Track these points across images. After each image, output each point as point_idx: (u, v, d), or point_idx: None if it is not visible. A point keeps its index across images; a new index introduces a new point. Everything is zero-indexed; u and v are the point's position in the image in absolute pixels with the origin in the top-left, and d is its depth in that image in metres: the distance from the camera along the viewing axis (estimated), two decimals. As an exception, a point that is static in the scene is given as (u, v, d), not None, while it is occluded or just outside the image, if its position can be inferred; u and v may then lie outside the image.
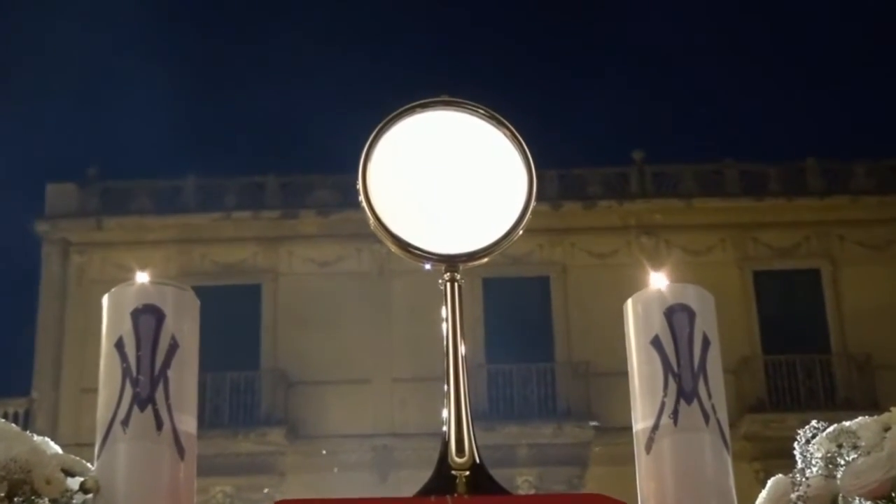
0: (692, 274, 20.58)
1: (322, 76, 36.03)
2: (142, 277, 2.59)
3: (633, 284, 2.85)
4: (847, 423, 2.50)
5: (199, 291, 2.71)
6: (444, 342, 2.86)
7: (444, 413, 2.80)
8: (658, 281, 2.72)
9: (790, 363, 23.32)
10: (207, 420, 21.55)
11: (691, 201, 24.57)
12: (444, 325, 2.88)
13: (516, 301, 23.68)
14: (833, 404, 22.44)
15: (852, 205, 24.41)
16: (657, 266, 2.76)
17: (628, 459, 2.80)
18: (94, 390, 2.56)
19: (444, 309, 2.91)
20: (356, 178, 3.00)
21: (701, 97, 37.65)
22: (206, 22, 36.34)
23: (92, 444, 2.50)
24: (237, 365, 22.91)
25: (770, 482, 2.52)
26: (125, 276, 2.58)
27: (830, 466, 2.41)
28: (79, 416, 22.17)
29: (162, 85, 32.81)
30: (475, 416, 2.84)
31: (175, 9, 36.39)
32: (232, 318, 22.31)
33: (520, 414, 23.11)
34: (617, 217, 24.53)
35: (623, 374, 2.71)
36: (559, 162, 24.53)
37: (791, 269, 24.25)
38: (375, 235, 3.02)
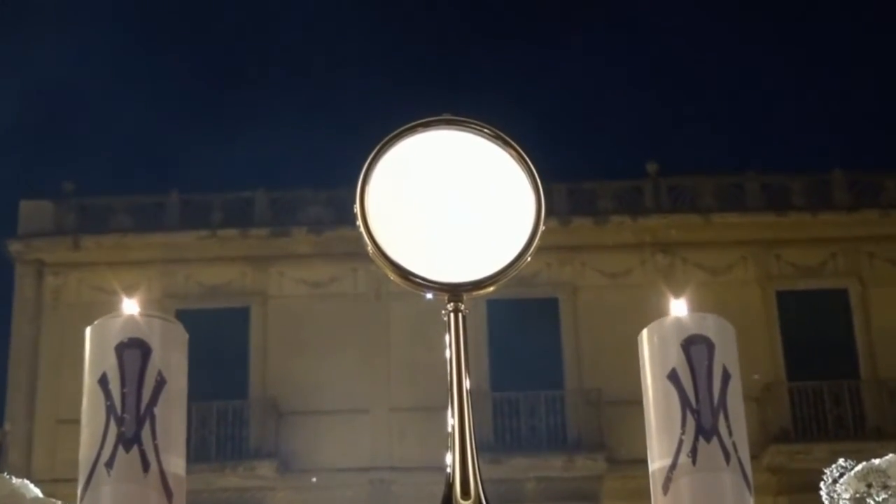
0: (711, 294, 20.66)
1: (314, 85, 36.10)
2: (129, 307, 2.60)
3: (648, 305, 2.87)
4: (877, 462, 2.51)
5: (183, 315, 2.74)
6: (448, 377, 2.87)
7: (449, 457, 2.81)
8: (675, 309, 2.73)
9: (816, 390, 23.29)
10: (192, 453, 21.49)
11: (710, 216, 24.58)
12: (447, 358, 2.89)
13: (523, 324, 23.66)
14: (862, 434, 22.42)
15: (882, 220, 24.41)
16: (673, 286, 2.76)
17: (643, 494, 2.81)
18: (72, 422, 2.58)
19: (447, 340, 2.92)
20: (353, 201, 3.02)
21: (720, 105, 37.72)
22: (194, 28, 36.42)
23: (69, 480, 2.51)
24: (224, 394, 22.88)
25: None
26: (104, 298, 2.59)
27: (860, 508, 2.42)
28: (55, 450, 22.15)
29: (143, 95, 32.89)
30: (479, 448, 2.86)
31: (159, 17, 36.49)
32: (218, 343, 22.29)
33: (527, 445, 23.08)
34: (630, 234, 24.55)
35: (638, 402, 2.73)
36: (568, 175, 24.58)
37: (817, 288, 24.25)
38: (373, 261, 3.04)
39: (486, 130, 3.15)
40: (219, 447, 22.98)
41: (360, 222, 3.00)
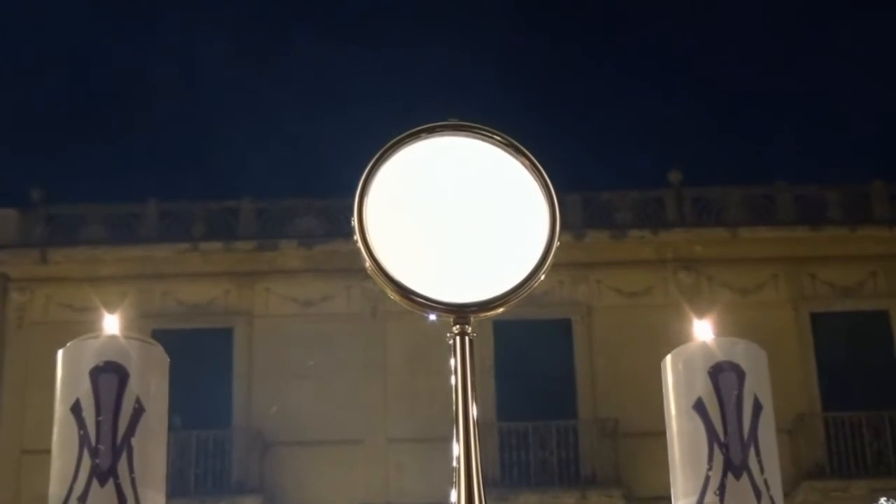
0: (739, 317, 20.63)
1: (307, 86, 36.17)
2: (104, 327, 2.61)
3: (670, 328, 2.87)
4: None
5: (161, 336, 2.74)
6: (453, 405, 2.87)
7: (453, 494, 2.81)
8: (701, 332, 2.74)
9: (854, 421, 23.27)
10: (170, 487, 21.44)
11: (737, 231, 24.59)
12: (452, 386, 2.89)
13: (533, 347, 23.66)
14: (905, 470, 22.38)
15: (926, 235, 24.45)
16: (698, 307, 2.77)
17: (664, 537, 2.81)
18: (38, 452, 2.59)
19: (451, 365, 2.92)
20: (350, 213, 3.03)
21: (748, 110, 37.73)
22: (177, 28, 36.49)
23: (35, 516, 2.52)
24: (205, 422, 22.87)
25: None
26: (74, 317, 2.60)
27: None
28: (19, 482, 22.14)
29: (120, 96, 32.96)
30: (484, 483, 2.86)
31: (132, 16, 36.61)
32: (199, 367, 22.29)
33: (537, 481, 23.05)
34: (651, 249, 24.56)
35: (658, 433, 2.73)
36: (583, 184, 24.60)
37: (855, 310, 24.24)
38: (371, 279, 3.04)
39: (495, 137, 3.15)
40: (199, 481, 22.95)
41: (357, 236, 3.00)
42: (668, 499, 2.65)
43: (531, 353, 23.61)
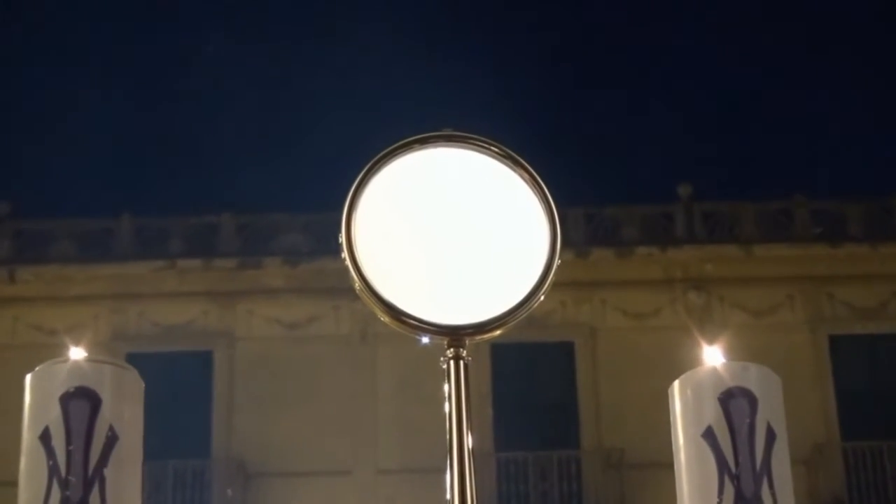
0: (753, 340, 20.65)
1: (292, 93, 36.17)
2: (75, 350, 2.61)
3: (679, 352, 2.88)
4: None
5: (136, 359, 2.75)
6: (447, 434, 2.88)
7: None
8: (711, 357, 2.75)
9: (875, 452, 23.25)
10: (145, 522, 21.46)
11: (751, 248, 24.61)
12: (446, 413, 2.90)
13: (532, 373, 23.65)
14: (930, 504, 22.36)
15: (953, 253, 24.48)
16: (709, 330, 2.78)
17: (673, 574, 2.81)
18: (4, 484, 2.58)
19: (445, 391, 2.93)
20: (338, 229, 3.03)
21: (763, 119, 37.76)
22: (148, 38, 36.55)
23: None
24: (182, 451, 22.83)
25: None
26: (42, 340, 2.61)
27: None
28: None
29: (91, 102, 32.95)
30: (481, 517, 2.86)
31: (110, 16, 36.64)
32: (177, 392, 22.27)
33: (537, 515, 23.03)
34: (659, 268, 24.56)
35: (666, 464, 2.73)
36: (586, 198, 24.60)
37: (876, 333, 24.24)
38: (360, 299, 3.04)
39: (492, 148, 3.16)
40: (176, 515, 22.93)
41: (345, 253, 3.01)
42: (677, 535, 2.66)
43: (531, 378, 23.59)
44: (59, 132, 32.63)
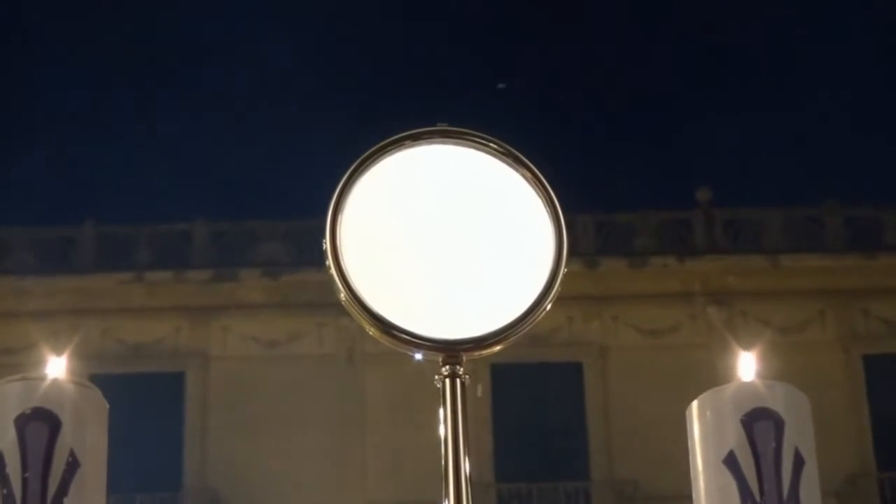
0: (779, 359, 20.61)
1: (271, 88, 36.21)
2: (39, 367, 2.61)
3: (698, 372, 2.88)
4: None
5: (100, 381, 2.74)
6: (442, 462, 2.88)
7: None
8: (734, 376, 2.75)
9: (915, 483, 23.29)
10: (109, 560, 21.46)
11: (778, 259, 24.63)
12: (441, 438, 2.90)
13: (536, 395, 23.66)
14: (975, 540, 22.40)
15: None
16: (731, 348, 2.80)
17: None
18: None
19: (441, 414, 2.92)
20: (322, 236, 3.03)
21: (791, 117, 37.80)
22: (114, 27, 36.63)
23: None
24: (151, 483, 22.84)
25: None
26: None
27: None
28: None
29: (51, 101, 32.98)
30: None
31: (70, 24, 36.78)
32: (144, 418, 22.27)
33: (542, 553, 23.06)
34: (676, 280, 24.59)
35: (685, 496, 2.73)
36: (596, 203, 24.64)
37: (915, 352, 24.30)
38: (347, 312, 3.04)
39: (492, 145, 3.16)
40: (143, 553, 22.94)
41: (330, 261, 3.01)
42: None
43: (534, 401, 23.61)
44: (14, 131, 32.61)
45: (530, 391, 23.52)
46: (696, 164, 33.51)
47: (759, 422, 2.64)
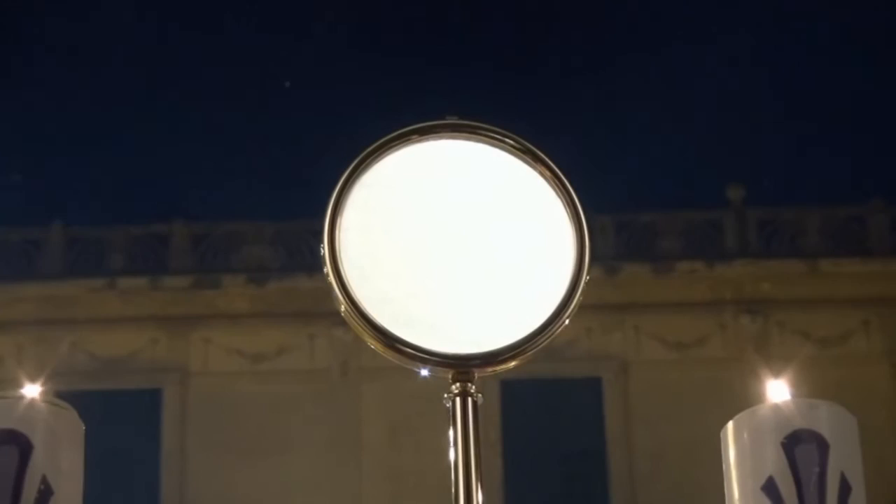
0: (820, 374, 20.64)
1: (258, 78, 36.25)
2: (5, 385, 2.62)
3: (732, 389, 2.89)
4: None
5: (69, 399, 2.75)
6: (453, 490, 2.88)
7: None
8: (772, 394, 2.75)
9: (970, 511, 23.29)
10: None
11: (818, 263, 24.63)
12: (450, 462, 2.90)
13: (552, 415, 23.65)
14: None
15: None
16: (767, 362, 2.79)
17: None
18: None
19: (450, 436, 2.93)
20: (319, 239, 3.04)
21: (828, 108, 37.79)
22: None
23: None
24: (125, 512, 22.87)
25: None
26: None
27: None
28: None
29: (22, 97, 33.03)
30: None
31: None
32: (118, 439, 22.27)
33: (557, 588, 23.08)
34: (705, 287, 24.58)
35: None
36: (618, 203, 24.62)
37: (971, 366, 24.31)
38: (345, 322, 3.05)
39: (507, 140, 3.15)
40: (116, 589, 22.96)
41: (328, 268, 3.01)
42: None
43: (550, 422, 23.60)
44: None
45: (544, 410, 23.50)
46: (729, 158, 33.51)
47: (801, 445, 2.65)
